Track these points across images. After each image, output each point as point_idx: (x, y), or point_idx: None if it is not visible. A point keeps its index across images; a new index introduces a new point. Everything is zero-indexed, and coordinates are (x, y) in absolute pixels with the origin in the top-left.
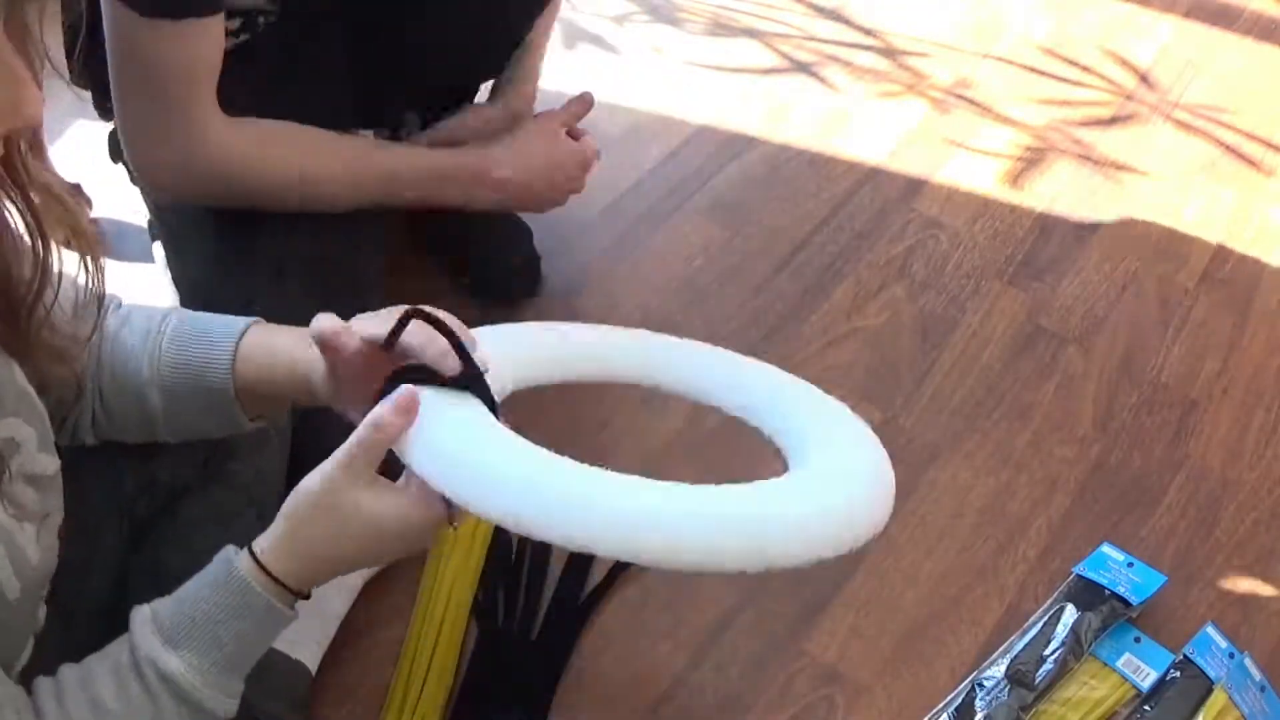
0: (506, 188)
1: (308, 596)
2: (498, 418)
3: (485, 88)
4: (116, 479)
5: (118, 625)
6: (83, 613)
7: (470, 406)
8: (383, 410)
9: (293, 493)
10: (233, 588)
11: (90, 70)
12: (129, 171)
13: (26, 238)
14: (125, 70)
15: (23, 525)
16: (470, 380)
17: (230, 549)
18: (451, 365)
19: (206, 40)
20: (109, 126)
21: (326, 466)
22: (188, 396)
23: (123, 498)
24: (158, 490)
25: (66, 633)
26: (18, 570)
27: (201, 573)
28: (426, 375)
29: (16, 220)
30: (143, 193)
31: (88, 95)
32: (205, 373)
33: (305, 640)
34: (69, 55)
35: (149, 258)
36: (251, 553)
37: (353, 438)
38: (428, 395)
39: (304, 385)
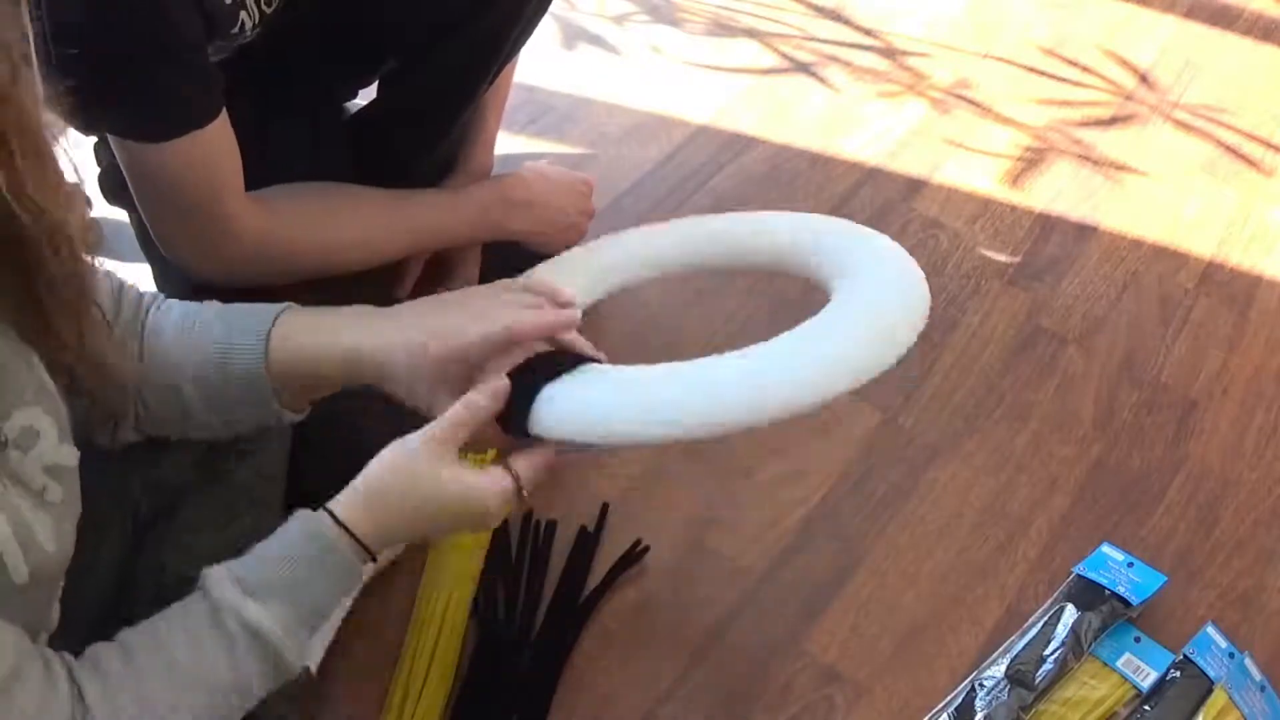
0: (534, 207)
1: (375, 559)
2: None
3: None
4: (123, 481)
5: (120, 626)
6: (81, 614)
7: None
8: (478, 394)
9: (373, 461)
10: (315, 542)
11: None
12: (101, 192)
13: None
14: (143, 190)
15: (39, 514)
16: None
17: (305, 511)
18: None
19: (214, 145)
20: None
21: (411, 439)
22: (220, 384)
23: (128, 500)
24: (162, 490)
25: (65, 634)
26: (27, 553)
27: (277, 533)
28: (548, 366)
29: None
30: (127, 210)
31: None
32: (234, 357)
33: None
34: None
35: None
36: (329, 512)
37: (444, 416)
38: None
39: (360, 368)
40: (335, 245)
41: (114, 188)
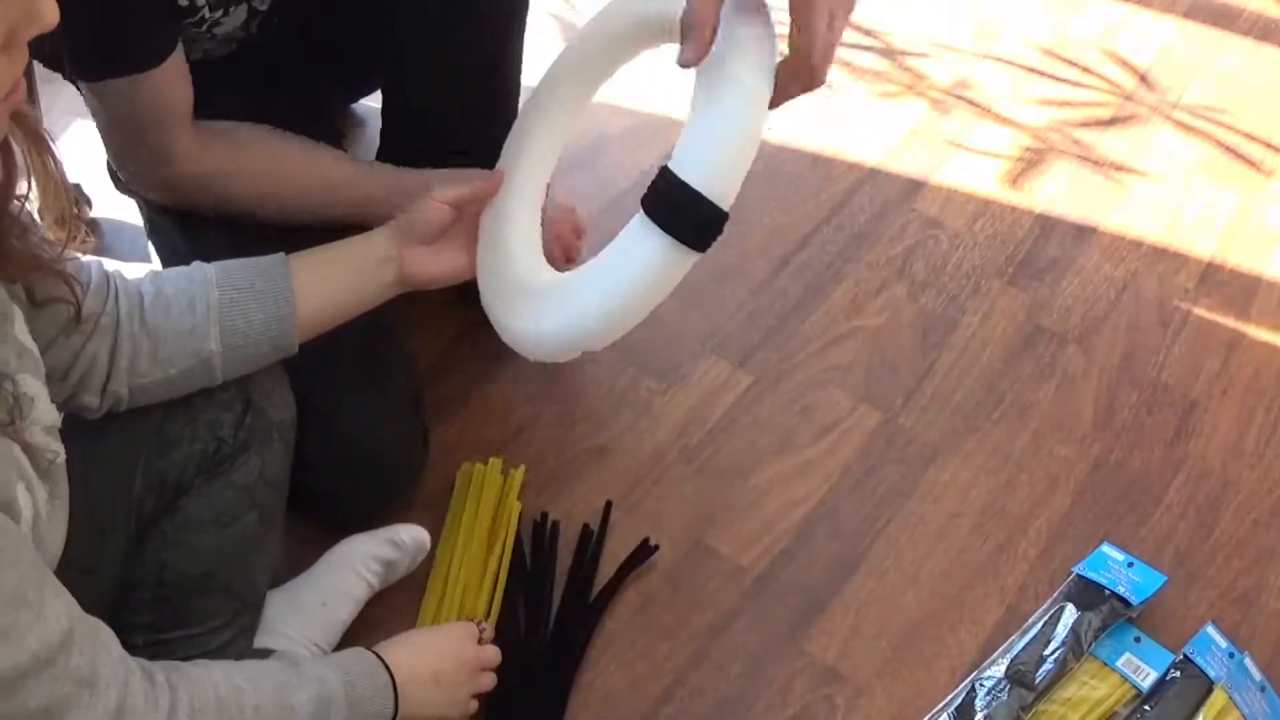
0: None
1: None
2: None
3: None
4: (127, 479)
5: (123, 623)
6: (92, 611)
7: None
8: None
9: None
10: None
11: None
12: (113, 181)
13: None
14: (97, 114)
15: (51, 504)
16: None
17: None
18: None
19: (159, 87)
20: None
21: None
22: (247, 284)
23: (130, 498)
24: (165, 488)
25: None
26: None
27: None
28: None
29: None
30: (136, 200)
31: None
32: (259, 264)
33: (313, 648)
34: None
35: (147, 257)
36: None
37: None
38: None
39: (372, 253)
40: (269, 193)
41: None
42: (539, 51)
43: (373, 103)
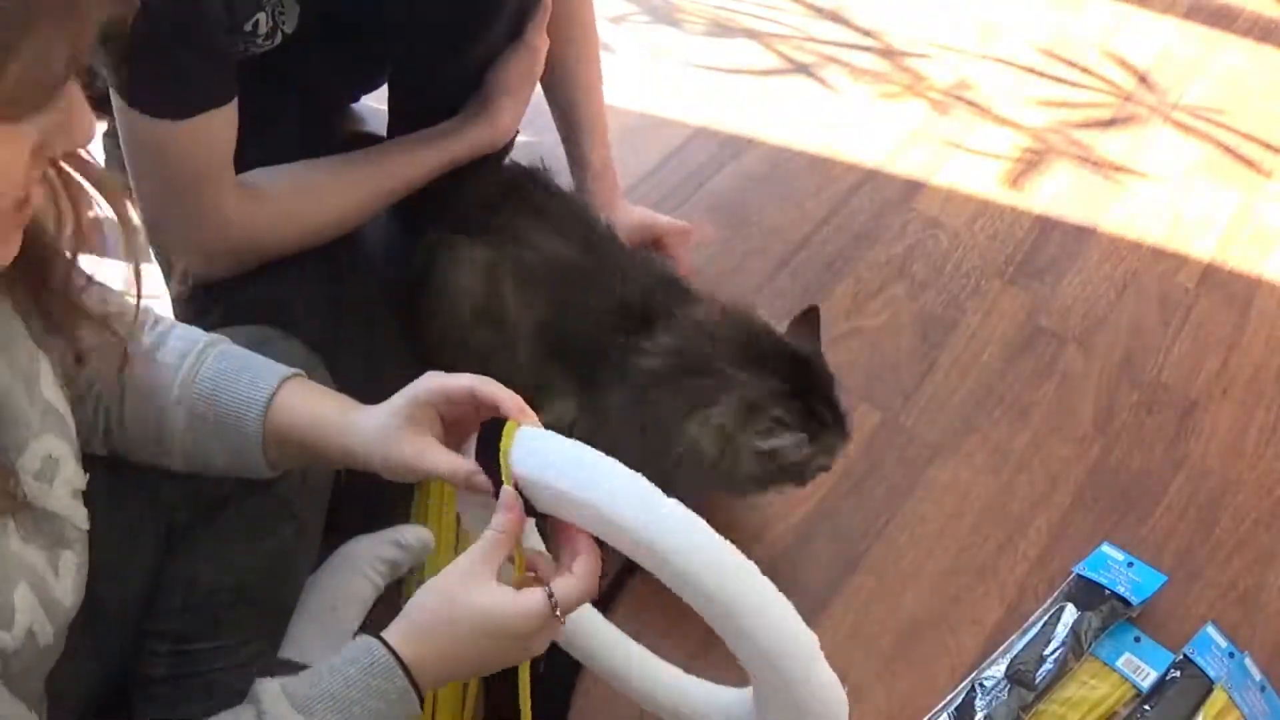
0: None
1: (421, 696)
2: None
3: None
4: (157, 485)
5: (147, 630)
6: (116, 617)
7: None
8: (498, 517)
9: (420, 591)
10: (376, 669)
11: None
12: None
13: (55, 202)
14: (139, 162)
15: (61, 555)
16: None
17: (367, 638)
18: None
19: (216, 131)
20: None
21: (453, 573)
22: (214, 427)
23: (162, 504)
24: (200, 498)
25: (99, 637)
26: (51, 616)
27: (337, 657)
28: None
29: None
30: None
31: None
32: (238, 410)
33: (321, 655)
34: None
35: (150, 257)
36: (382, 640)
37: (475, 547)
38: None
39: (342, 446)
40: (317, 226)
41: None
42: None
43: (371, 102)
